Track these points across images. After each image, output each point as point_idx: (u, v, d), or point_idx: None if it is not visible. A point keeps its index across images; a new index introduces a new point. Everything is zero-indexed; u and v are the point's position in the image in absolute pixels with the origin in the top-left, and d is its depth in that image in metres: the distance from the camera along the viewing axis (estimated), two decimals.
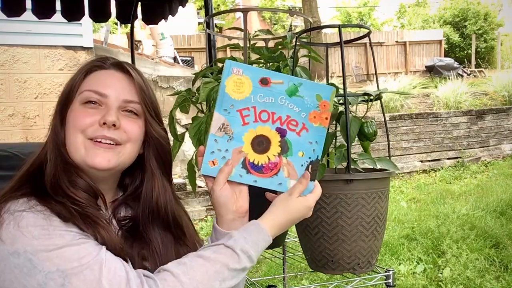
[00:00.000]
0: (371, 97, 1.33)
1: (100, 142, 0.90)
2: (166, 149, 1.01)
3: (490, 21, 18.54)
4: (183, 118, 5.79)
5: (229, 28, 2.05)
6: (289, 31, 1.58)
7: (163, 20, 2.60)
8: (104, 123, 0.90)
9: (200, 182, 5.28)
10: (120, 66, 0.97)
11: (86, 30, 5.24)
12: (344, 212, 1.20)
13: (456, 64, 14.39)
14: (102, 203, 0.93)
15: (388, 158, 1.34)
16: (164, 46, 9.25)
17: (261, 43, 1.76)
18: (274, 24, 22.12)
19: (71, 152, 0.91)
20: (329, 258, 1.25)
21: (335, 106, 1.46)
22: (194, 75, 1.72)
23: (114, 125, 0.90)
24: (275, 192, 0.98)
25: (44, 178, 0.88)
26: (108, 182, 0.98)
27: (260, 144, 0.93)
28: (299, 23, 20.71)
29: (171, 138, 1.18)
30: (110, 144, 0.91)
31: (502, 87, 10.42)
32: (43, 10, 2.44)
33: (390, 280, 1.36)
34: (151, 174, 0.99)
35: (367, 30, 1.42)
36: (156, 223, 0.99)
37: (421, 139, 7.93)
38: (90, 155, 0.89)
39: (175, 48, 9.88)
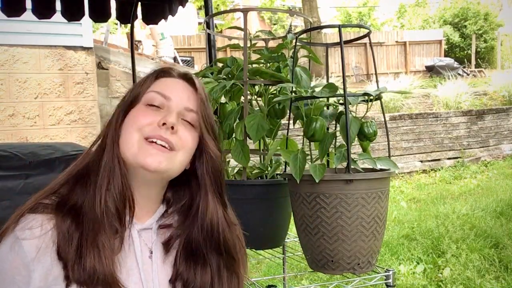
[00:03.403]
0: (371, 97, 1.33)
1: (155, 143, 0.90)
2: (218, 167, 0.99)
3: (490, 21, 18.54)
4: None
5: (229, 28, 2.05)
6: (288, 31, 1.58)
7: (163, 20, 2.60)
8: (164, 124, 0.90)
9: None
10: (187, 77, 1.00)
11: (86, 30, 5.24)
12: (344, 212, 1.20)
13: (456, 64, 14.41)
14: (129, 213, 0.92)
15: (388, 158, 1.34)
16: (164, 46, 9.25)
17: (261, 43, 1.77)
18: (274, 24, 22.11)
19: (123, 149, 0.91)
20: (329, 258, 1.25)
21: (335, 106, 1.46)
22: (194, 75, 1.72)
23: (172, 127, 0.90)
24: None
25: (84, 185, 0.89)
26: (154, 188, 0.97)
27: None
28: (299, 23, 20.71)
29: None
30: (163, 147, 0.90)
31: (502, 87, 10.44)
32: (43, 10, 2.44)
33: (390, 280, 1.36)
34: (204, 192, 0.97)
35: (367, 30, 1.42)
36: (210, 244, 0.96)
37: (421, 139, 7.94)
38: (142, 154, 0.89)
39: (175, 48, 9.89)
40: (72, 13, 2.52)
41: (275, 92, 1.61)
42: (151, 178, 0.93)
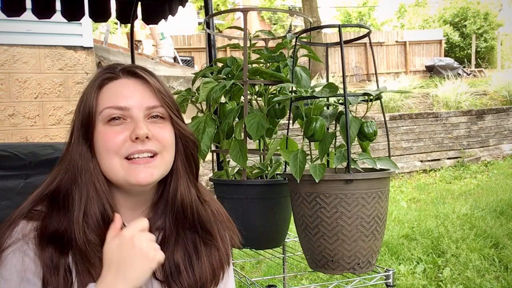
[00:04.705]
0: (371, 97, 1.33)
1: (138, 158, 0.87)
2: (194, 148, 0.98)
3: (490, 20, 18.53)
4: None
5: (229, 27, 2.05)
6: (288, 31, 1.59)
7: (163, 20, 2.60)
8: (137, 138, 0.87)
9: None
10: (131, 72, 0.93)
11: (86, 30, 5.24)
12: (344, 212, 1.20)
13: (456, 64, 14.40)
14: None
15: (388, 157, 1.34)
16: (164, 46, 9.25)
17: (261, 43, 1.77)
18: (274, 24, 22.12)
19: (109, 174, 0.88)
20: (329, 258, 1.25)
21: (335, 106, 1.46)
22: (194, 75, 1.73)
23: (147, 137, 0.87)
24: None
25: (64, 205, 0.87)
26: (145, 193, 0.96)
27: None
28: (299, 23, 20.71)
29: None
30: (147, 157, 0.88)
31: (502, 87, 10.43)
32: (43, 10, 2.44)
33: (390, 280, 1.36)
34: (176, 175, 0.95)
35: (367, 30, 1.42)
36: (184, 225, 0.96)
37: (421, 139, 7.93)
38: (131, 174, 0.87)
39: (175, 48, 9.89)
40: (72, 13, 2.51)
41: (275, 92, 1.62)
42: (145, 189, 0.93)
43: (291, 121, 1.47)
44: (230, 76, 1.57)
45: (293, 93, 1.41)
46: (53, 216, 0.86)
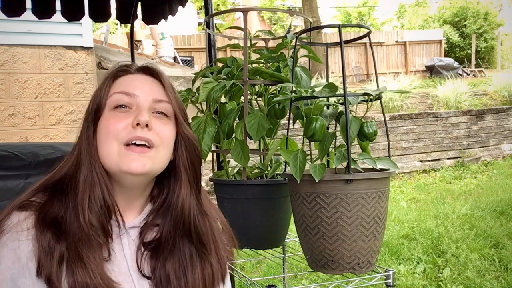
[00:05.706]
0: (371, 97, 1.33)
1: (134, 145, 0.89)
2: (196, 153, 0.98)
3: (490, 20, 18.53)
4: None
5: (229, 28, 2.05)
6: (288, 31, 1.58)
7: (163, 20, 2.60)
8: (138, 124, 0.88)
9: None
10: (146, 70, 0.97)
11: (86, 30, 5.24)
12: (344, 212, 1.20)
13: (456, 64, 14.41)
14: (119, 216, 0.92)
15: (388, 157, 1.34)
16: (164, 46, 9.26)
17: (261, 43, 1.77)
18: (274, 24, 22.13)
19: (104, 160, 0.89)
20: (329, 258, 1.25)
21: (335, 106, 1.46)
22: (194, 75, 1.73)
23: (147, 125, 0.89)
24: None
25: (65, 189, 0.88)
26: (140, 188, 0.96)
27: None
28: (299, 23, 20.72)
29: None
30: (143, 146, 0.89)
31: (502, 87, 10.44)
32: (43, 10, 2.44)
33: (390, 280, 1.36)
34: (179, 180, 0.96)
35: (367, 30, 1.42)
36: (182, 234, 0.96)
37: (421, 139, 7.94)
38: (124, 161, 0.88)
39: (175, 48, 9.90)
40: (72, 13, 2.52)
41: (275, 92, 1.62)
42: (136, 180, 0.93)
43: (291, 121, 1.47)
44: (230, 76, 1.57)
45: (293, 93, 1.41)
46: (54, 202, 0.88)
